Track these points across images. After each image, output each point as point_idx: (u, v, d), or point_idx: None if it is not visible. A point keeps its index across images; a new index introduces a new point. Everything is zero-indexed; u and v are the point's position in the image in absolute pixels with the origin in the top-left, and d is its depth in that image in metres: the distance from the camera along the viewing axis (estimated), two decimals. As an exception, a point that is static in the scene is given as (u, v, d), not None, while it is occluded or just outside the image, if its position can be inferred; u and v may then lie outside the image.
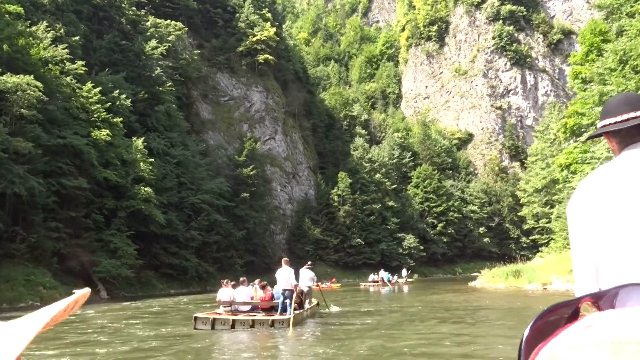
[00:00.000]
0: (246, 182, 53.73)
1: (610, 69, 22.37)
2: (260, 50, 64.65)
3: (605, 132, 1.74)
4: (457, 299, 21.44)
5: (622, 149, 1.69)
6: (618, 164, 1.61)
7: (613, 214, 1.52)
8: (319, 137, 74.19)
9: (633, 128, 1.65)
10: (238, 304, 14.69)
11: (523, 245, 77.99)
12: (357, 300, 23.75)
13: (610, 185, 1.56)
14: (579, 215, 1.63)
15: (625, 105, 1.69)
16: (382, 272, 46.51)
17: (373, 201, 65.40)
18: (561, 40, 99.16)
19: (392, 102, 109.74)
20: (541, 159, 40.86)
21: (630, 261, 1.46)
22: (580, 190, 1.65)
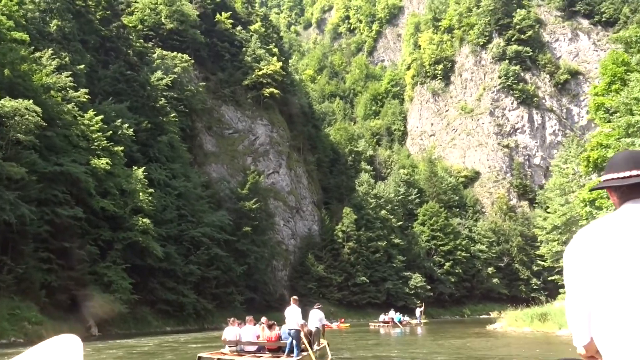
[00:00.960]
0: (248, 216, 52.29)
1: (636, 99, 21.28)
2: (266, 84, 64.30)
3: (608, 186, 1.84)
4: (484, 346, 19.45)
5: (622, 203, 1.80)
6: (617, 217, 1.73)
7: (609, 265, 1.62)
8: (323, 172, 73.08)
9: (634, 185, 1.76)
10: (244, 344, 14.06)
11: (533, 287, 75.65)
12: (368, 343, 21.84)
13: (608, 237, 1.66)
14: (575, 263, 1.74)
15: (629, 162, 1.80)
16: (392, 312, 44.56)
17: (378, 238, 63.63)
18: (568, 81, 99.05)
19: (398, 139, 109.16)
20: (560, 195, 39.30)
21: (623, 313, 1.56)
22: (578, 239, 1.76)
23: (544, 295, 75.83)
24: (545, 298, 75.81)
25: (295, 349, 13.10)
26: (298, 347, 13.11)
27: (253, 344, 14.11)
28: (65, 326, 28.24)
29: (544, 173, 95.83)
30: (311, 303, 57.17)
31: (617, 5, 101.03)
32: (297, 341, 13.14)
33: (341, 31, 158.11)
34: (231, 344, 14.06)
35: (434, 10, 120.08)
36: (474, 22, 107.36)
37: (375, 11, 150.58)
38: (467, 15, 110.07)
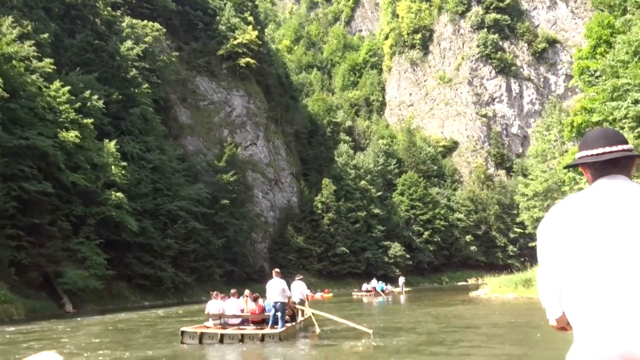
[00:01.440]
0: (226, 189, 51.49)
1: (622, 61, 20.89)
2: (242, 54, 62.70)
3: (582, 163, 1.90)
4: (472, 313, 19.19)
5: (595, 179, 1.85)
6: (591, 193, 1.79)
7: (581, 241, 1.68)
8: (302, 144, 72.27)
9: (607, 161, 1.82)
10: (228, 317, 14.14)
11: (510, 254, 76.88)
12: (352, 313, 21.44)
13: (582, 213, 1.73)
14: (548, 239, 1.80)
15: (602, 139, 1.85)
16: (375, 281, 44.63)
17: (358, 208, 63.51)
18: (546, 49, 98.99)
19: (376, 109, 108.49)
20: (541, 161, 39.21)
21: (593, 289, 1.63)
22: (551, 215, 1.83)
23: (520, 261, 77.28)
24: (522, 264, 77.30)
25: (280, 321, 13.22)
26: (282, 319, 13.26)
27: (237, 316, 14.14)
28: (37, 304, 27.48)
29: (521, 142, 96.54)
30: (291, 274, 57.07)
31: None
32: (282, 313, 13.32)
33: (318, 0, 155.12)
34: (215, 317, 14.08)
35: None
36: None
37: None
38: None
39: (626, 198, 1.75)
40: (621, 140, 1.89)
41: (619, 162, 1.86)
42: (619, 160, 1.86)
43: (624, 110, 20.19)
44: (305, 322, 16.18)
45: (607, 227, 1.70)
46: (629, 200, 1.74)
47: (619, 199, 1.76)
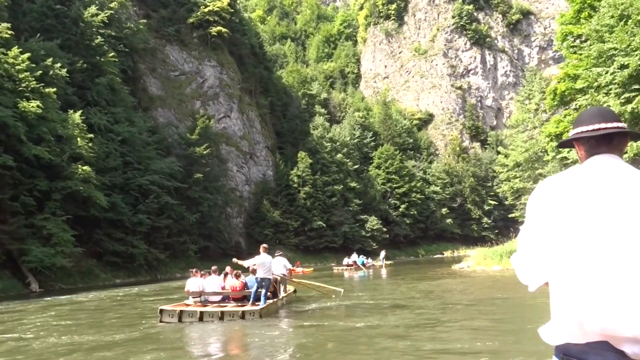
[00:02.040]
0: (199, 162, 49.97)
1: (608, 25, 20.22)
2: (213, 22, 60.38)
3: (576, 139, 1.91)
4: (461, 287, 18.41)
5: (588, 156, 1.87)
6: (583, 170, 1.81)
7: (571, 216, 1.70)
8: (276, 116, 70.69)
9: (601, 138, 1.84)
10: (208, 295, 13.87)
11: (484, 226, 77.58)
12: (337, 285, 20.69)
13: (573, 188, 1.75)
14: (538, 210, 1.81)
15: (597, 116, 1.87)
16: (355, 255, 44.17)
17: (334, 182, 62.69)
18: (520, 21, 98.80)
19: (351, 81, 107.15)
20: (522, 131, 38.76)
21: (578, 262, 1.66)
22: (541, 188, 1.84)
23: (495, 233, 78.13)
24: (496, 236, 78.16)
25: (262, 298, 12.98)
26: (264, 296, 13.02)
27: (217, 294, 13.83)
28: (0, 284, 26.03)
29: (496, 114, 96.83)
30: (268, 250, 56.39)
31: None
32: (265, 290, 13.10)
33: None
34: (194, 295, 13.77)
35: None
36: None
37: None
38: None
39: (617, 175, 1.76)
40: (615, 118, 1.89)
41: (612, 139, 1.86)
42: (613, 137, 1.86)
43: (610, 76, 19.61)
44: (288, 297, 15.90)
45: (598, 203, 1.70)
46: (620, 178, 1.75)
47: (611, 176, 1.76)
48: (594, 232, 1.67)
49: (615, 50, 19.56)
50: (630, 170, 1.79)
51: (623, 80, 19.08)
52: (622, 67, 19.31)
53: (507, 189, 42.28)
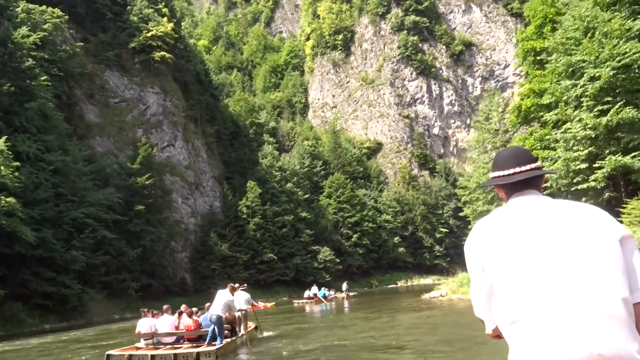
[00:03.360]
0: (141, 193, 46.71)
1: (574, 38, 19.67)
2: (156, 47, 57.86)
3: (495, 184, 2.04)
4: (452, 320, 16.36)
5: (509, 197, 2.00)
6: (508, 211, 1.93)
7: (509, 255, 1.80)
8: (223, 145, 68.19)
9: (518, 181, 1.96)
10: (161, 336, 13.09)
11: (437, 254, 77.14)
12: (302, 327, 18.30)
13: (504, 229, 1.86)
14: (476, 255, 1.91)
15: (512, 160, 2.00)
16: (315, 287, 42.28)
17: (285, 212, 60.48)
18: (463, 52, 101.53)
19: (299, 111, 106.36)
20: (483, 152, 38.16)
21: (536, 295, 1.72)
22: (476, 232, 1.95)
23: (447, 261, 77.79)
24: (448, 264, 77.77)
25: (218, 337, 12.33)
26: (221, 335, 12.39)
27: (170, 334, 13.17)
28: None
29: (443, 143, 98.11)
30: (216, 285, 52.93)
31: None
32: (219, 328, 12.45)
33: (236, 1, 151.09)
34: (146, 336, 13.03)
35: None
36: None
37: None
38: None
39: (541, 210, 1.88)
40: (530, 159, 2.00)
41: (528, 181, 1.98)
42: (528, 179, 1.98)
43: (580, 89, 18.95)
44: (248, 335, 14.77)
45: (532, 239, 1.80)
46: (544, 212, 1.87)
47: (536, 212, 1.88)
48: (538, 266, 1.74)
49: (584, 62, 18.96)
50: (553, 203, 1.89)
51: (594, 92, 18.41)
52: (592, 79, 18.68)
53: (470, 212, 41.41)
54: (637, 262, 1.78)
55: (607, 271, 1.71)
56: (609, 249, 1.75)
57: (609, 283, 1.70)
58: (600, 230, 1.79)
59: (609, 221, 1.83)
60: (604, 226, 1.80)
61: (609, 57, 17.98)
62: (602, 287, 1.69)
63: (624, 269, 1.74)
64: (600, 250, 1.74)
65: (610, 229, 1.80)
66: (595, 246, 1.75)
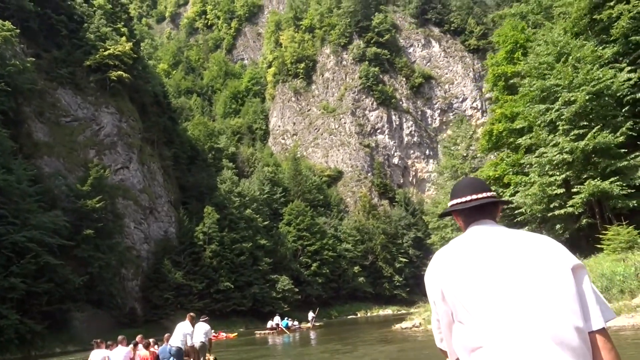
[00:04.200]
0: (91, 217, 44.03)
1: (547, 63, 19.49)
2: (113, 67, 55.84)
3: (453, 210, 2.12)
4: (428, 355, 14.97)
5: (467, 225, 2.07)
6: (466, 240, 1.99)
7: (468, 284, 1.85)
8: (181, 169, 65.97)
9: (474, 208, 2.05)
10: None
11: (396, 284, 76.40)
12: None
13: (462, 260, 1.91)
14: (434, 283, 1.96)
15: (469, 188, 2.09)
16: (278, 317, 40.70)
17: (243, 239, 58.52)
18: (422, 84, 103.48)
19: (260, 137, 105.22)
20: (451, 178, 37.71)
21: (473, 327, 1.81)
22: (434, 262, 2.00)
23: (406, 291, 77.12)
24: (407, 294, 77.07)
25: None
26: None
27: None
28: None
29: (402, 173, 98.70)
30: (168, 316, 50.30)
31: (463, 16, 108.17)
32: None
33: (198, 26, 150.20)
34: None
35: (295, 9, 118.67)
36: (335, 22, 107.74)
37: (234, 8, 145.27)
38: (328, 15, 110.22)
39: (498, 240, 1.93)
40: (485, 188, 2.10)
41: (484, 209, 2.06)
42: (485, 207, 2.06)
43: (555, 112, 18.66)
44: None
45: (489, 269, 1.84)
46: (501, 242, 1.91)
47: (493, 242, 1.93)
48: (482, 302, 1.79)
49: (558, 86, 18.71)
50: (509, 233, 1.93)
51: (570, 116, 18.12)
52: (567, 104, 18.43)
53: (437, 239, 40.72)
54: (589, 291, 1.81)
55: (562, 301, 1.75)
56: (563, 279, 1.78)
57: (563, 313, 1.73)
58: (553, 260, 1.82)
59: (561, 251, 1.87)
60: (557, 256, 1.84)
61: (584, 82, 17.82)
62: (557, 317, 1.72)
63: (577, 298, 1.77)
64: (554, 279, 1.77)
65: (562, 259, 1.83)
66: (550, 276, 1.78)
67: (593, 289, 1.84)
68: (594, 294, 1.83)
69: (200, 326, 13.61)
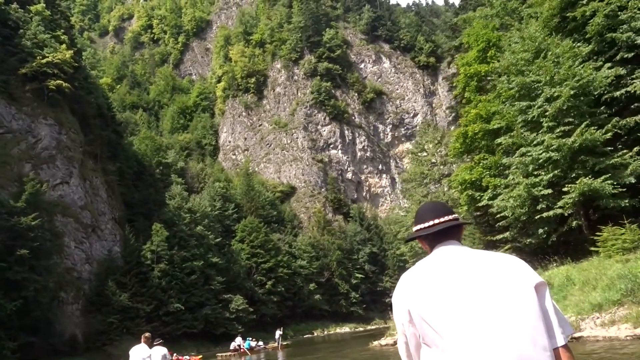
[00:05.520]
0: (25, 236, 40.13)
1: (524, 60, 18.68)
2: (52, 75, 52.18)
3: (418, 236, 2.14)
4: None
5: (432, 248, 2.09)
6: (431, 262, 2.01)
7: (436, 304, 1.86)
8: (126, 185, 62.28)
9: (438, 232, 2.07)
10: None
11: (353, 300, 74.89)
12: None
13: (429, 280, 1.92)
14: (401, 306, 1.96)
15: (431, 212, 2.11)
16: (240, 338, 38.46)
17: (194, 257, 55.51)
18: (374, 100, 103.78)
19: (209, 153, 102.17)
20: (419, 185, 36.46)
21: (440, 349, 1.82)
22: (402, 284, 2.00)
23: (363, 308, 75.68)
24: (364, 311, 75.65)
25: None
26: None
27: None
28: None
29: (356, 188, 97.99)
30: (112, 341, 46.55)
31: (413, 33, 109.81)
32: None
33: (143, 41, 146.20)
34: None
35: (245, 24, 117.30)
36: (286, 37, 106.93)
37: (182, 23, 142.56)
38: (279, 30, 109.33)
39: (463, 261, 1.95)
40: (447, 211, 2.11)
41: (447, 232, 2.08)
42: (448, 230, 2.08)
43: (537, 109, 17.76)
44: None
45: (455, 290, 1.85)
46: (466, 263, 1.94)
47: (458, 263, 1.94)
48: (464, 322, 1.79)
49: (539, 82, 17.86)
50: (473, 254, 1.96)
51: (554, 113, 17.23)
52: (549, 100, 17.56)
53: (408, 249, 39.31)
54: (551, 308, 1.86)
55: (528, 321, 1.78)
56: (527, 298, 1.81)
57: (530, 333, 1.77)
58: (517, 279, 1.85)
59: (524, 269, 1.90)
60: (521, 275, 1.87)
61: (566, 77, 17.06)
62: (524, 337, 1.75)
63: (541, 315, 1.81)
64: (519, 299, 1.80)
65: (526, 278, 1.87)
66: (515, 295, 1.81)
67: (554, 305, 1.87)
68: (555, 310, 1.86)
69: (157, 350, 12.12)
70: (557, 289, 14.26)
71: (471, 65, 22.86)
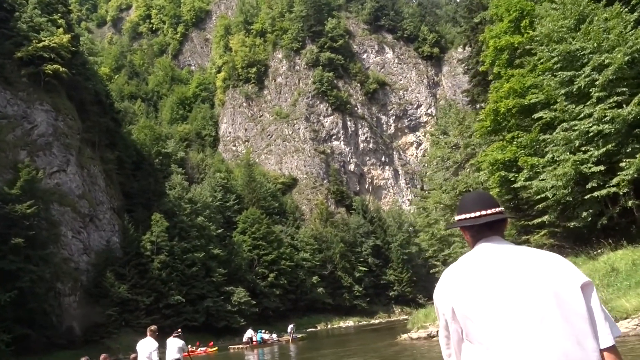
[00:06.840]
0: (20, 224, 38.52)
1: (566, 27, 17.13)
2: (49, 60, 50.40)
3: (461, 226, 2.09)
4: None
5: (475, 242, 2.07)
6: (475, 257, 1.99)
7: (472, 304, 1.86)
8: (125, 174, 60.54)
9: (483, 225, 2.04)
10: None
11: (356, 294, 73.48)
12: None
13: (469, 279, 1.91)
14: (444, 301, 1.95)
15: (478, 203, 2.07)
16: (250, 331, 37.30)
17: (195, 249, 53.93)
18: (377, 91, 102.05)
19: (209, 144, 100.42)
20: (442, 168, 34.57)
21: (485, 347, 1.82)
22: (444, 279, 2.00)
23: (366, 301, 74.26)
24: (368, 304, 74.24)
25: None
26: None
27: None
28: None
29: (359, 180, 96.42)
30: (110, 334, 45.02)
31: (416, 23, 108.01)
32: None
33: (142, 31, 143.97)
34: None
35: (245, 13, 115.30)
36: (287, 26, 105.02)
37: (181, 13, 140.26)
38: (280, 20, 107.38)
39: (508, 259, 1.92)
40: (494, 203, 2.08)
41: (493, 225, 2.05)
42: (493, 223, 2.05)
43: (585, 79, 16.20)
44: None
45: (501, 289, 1.84)
46: (511, 261, 1.91)
47: (503, 261, 1.92)
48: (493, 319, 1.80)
49: (585, 50, 16.31)
50: (518, 251, 1.94)
51: (604, 82, 15.67)
52: (597, 68, 16.00)
53: (428, 238, 37.39)
54: (597, 308, 1.82)
55: (574, 321, 1.76)
56: (573, 298, 1.79)
57: (575, 334, 1.75)
58: (563, 278, 1.83)
59: (570, 269, 1.87)
60: (567, 274, 1.84)
61: (617, 44, 15.54)
62: (570, 338, 1.74)
63: (587, 316, 1.79)
64: (565, 299, 1.79)
65: (572, 277, 1.84)
66: (561, 295, 1.80)
67: (601, 306, 1.83)
68: (602, 311, 1.83)
69: (173, 342, 11.58)
70: (624, 274, 12.79)
71: (501, 37, 21.25)
